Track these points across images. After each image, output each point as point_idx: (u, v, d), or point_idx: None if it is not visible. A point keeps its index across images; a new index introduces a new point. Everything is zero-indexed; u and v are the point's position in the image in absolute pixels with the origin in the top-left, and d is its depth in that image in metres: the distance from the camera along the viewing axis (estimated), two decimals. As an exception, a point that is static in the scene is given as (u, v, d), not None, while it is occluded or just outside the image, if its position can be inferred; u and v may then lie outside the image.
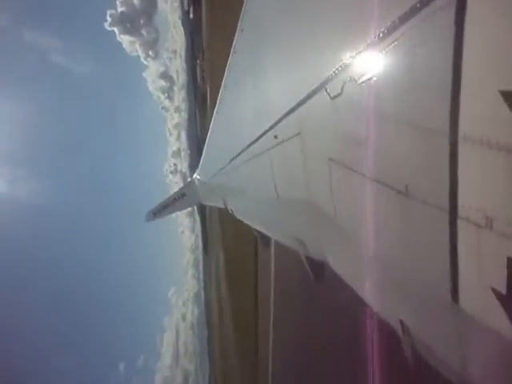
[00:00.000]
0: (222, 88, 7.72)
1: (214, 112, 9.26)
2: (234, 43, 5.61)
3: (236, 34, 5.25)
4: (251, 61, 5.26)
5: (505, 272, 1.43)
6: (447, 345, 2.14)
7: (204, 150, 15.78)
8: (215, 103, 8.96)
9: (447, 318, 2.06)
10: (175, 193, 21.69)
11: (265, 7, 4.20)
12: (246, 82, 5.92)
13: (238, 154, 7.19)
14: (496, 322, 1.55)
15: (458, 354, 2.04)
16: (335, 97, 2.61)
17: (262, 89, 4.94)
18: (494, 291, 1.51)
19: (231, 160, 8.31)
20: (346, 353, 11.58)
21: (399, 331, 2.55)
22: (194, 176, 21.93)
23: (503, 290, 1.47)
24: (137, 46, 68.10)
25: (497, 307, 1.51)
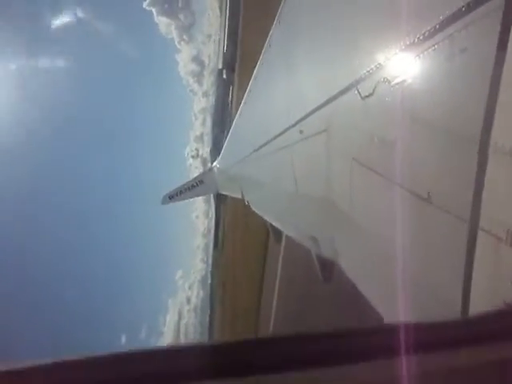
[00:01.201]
0: (252, 79, 7.72)
1: (242, 102, 9.29)
2: (269, 35, 5.60)
3: (273, 26, 5.25)
4: (285, 54, 5.24)
5: None
6: None
7: (227, 139, 15.83)
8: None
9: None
10: (193, 179, 21.85)
11: (304, 2, 4.19)
12: (277, 75, 5.91)
13: (262, 146, 7.21)
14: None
15: None
16: (366, 97, 2.59)
17: (292, 83, 4.93)
18: (507, 305, 1.50)
19: (253, 151, 8.33)
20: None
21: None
22: (214, 164, 22.04)
23: None
24: (172, 28, 68.70)
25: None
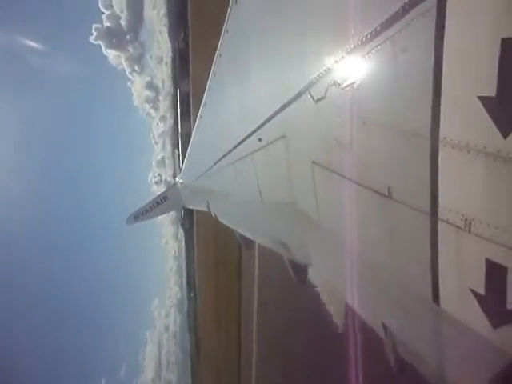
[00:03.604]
0: (206, 91, 7.67)
1: (198, 116, 9.21)
2: (218, 45, 5.59)
3: (221, 36, 5.24)
4: (236, 64, 5.25)
5: (483, 273, 1.46)
6: (428, 345, 2.17)
7: (187, 153, 15.65)
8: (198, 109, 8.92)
9: (428, 319, 2.09)
10: (157, 196, 21.34)
11: (250, 10, 4.22)
12: (231, 85, 5.91)
13: (222, 157, 7.17)
14: (475, 323, 1.59)
15: (438, 354, 2.07)
16: (319, 100, 2.63)
17: (246, 92, 4.94)
18: (473, 292, 1.54)
19: (215, 163, 8.27)
20: (327, 355, 11.64)
21: (381, 333, 2.58)
22: (177, 179, 21.69)
23: (482, 291, 1.50)
24: (122, 60, 68.35)
25: (476, 308, 1.54)
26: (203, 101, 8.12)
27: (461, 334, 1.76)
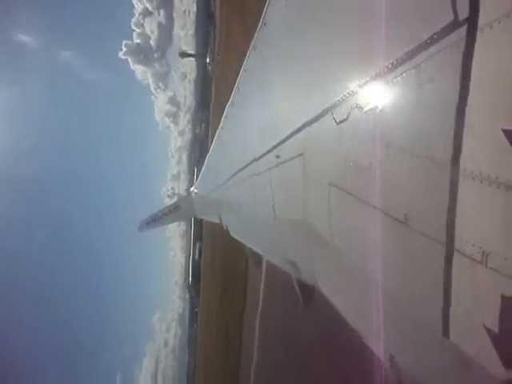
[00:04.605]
0: (228, 104, 7.78)
1: (219, 127, 9.33)
2: (245, 60, 5.69)
3: (248, 52, 5.33)
4: (261, 80, 5.33)
5: (498, 309, 1.43)
6: (436, 380, 2.10)
7: (205, 164, 15.80)
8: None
9: (437, 352, 2.04)
10: (170, 204, 21.55)
11: (279, 29, 4.30)
12: (254, 101, 5.99)
13: (239, 171, 7.21)
14: (487, 361, 1.54)
15: None
16: (341, 122, 2.65)
17: (268, 108, 5.00)
18: (486, 329, 1.50)
19: (231, 176, 8.32)
20: (331, 380, 11.34)
21: (387, 363, 2.51)
22: (191, 189, 21.88)
23: (495, 329, 1.46)
24: (148, 75, 71.38)
25: (488, 345, 1.50)
26: (225, 113, 8.23)
27: (470, 371, 1.71)
